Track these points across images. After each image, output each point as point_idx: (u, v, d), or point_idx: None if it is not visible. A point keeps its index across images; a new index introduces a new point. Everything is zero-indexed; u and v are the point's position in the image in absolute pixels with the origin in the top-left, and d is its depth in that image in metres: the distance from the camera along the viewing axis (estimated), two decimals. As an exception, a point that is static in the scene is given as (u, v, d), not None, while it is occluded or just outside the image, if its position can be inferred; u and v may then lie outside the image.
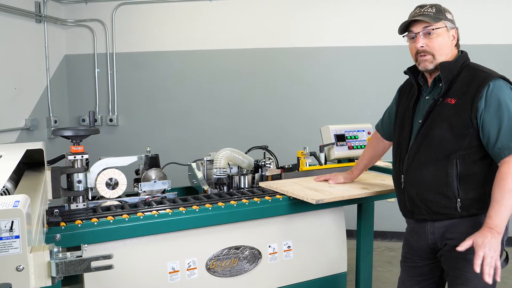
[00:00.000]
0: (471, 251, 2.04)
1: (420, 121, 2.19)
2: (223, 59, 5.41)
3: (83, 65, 5.57)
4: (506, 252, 2.14)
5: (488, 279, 1.86)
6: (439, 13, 2.15)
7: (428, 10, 2.16)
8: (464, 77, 2.10)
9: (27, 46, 4.94)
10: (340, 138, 3.28)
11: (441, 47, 2.14)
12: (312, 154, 3.18)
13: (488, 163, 2.07)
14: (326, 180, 2.86)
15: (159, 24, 5.47)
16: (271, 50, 5.34)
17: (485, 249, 1.87)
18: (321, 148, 3.25)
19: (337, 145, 3.25)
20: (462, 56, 2.19)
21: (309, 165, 3.18)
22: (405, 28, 2.20)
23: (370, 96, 5.10)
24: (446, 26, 2.14)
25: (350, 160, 3.36)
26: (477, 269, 1.87)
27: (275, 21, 5.30)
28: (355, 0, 5.12)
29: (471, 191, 2.06)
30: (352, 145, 3.31)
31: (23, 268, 1.10)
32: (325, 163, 3.26)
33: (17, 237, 1.07)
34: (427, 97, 2.22)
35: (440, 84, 2.15)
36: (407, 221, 2.38)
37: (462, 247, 1.93)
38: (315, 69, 5.30)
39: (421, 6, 2.20)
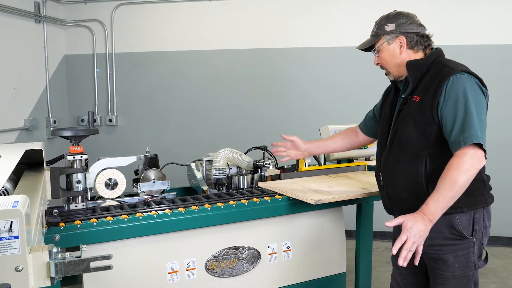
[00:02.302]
0: (446, 250, 2.05)
1: (394, 120, 2.24)
2: (223, 59, 5.41)
3: (83, 65, 5.57)
4: (486, 252, 2.16)
5: (402, 263, 1.88)
6: (379, 29, 2.23)
7: (373, 30, 2.28)
8: (431, 74, 2.12)
9: (27, 46, 4.93)
10: (340, 138, 3.27)
11: (387, 61, 2.24)
12: (312, 154, 3.18)
13: None
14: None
15: (158, 24, 5.47)
16: (271, 50, 5.34)
17: (410, 233, 1.89)
18: (321, 149, 3.25)
19: (336, 146, 3.25)
20: (433, 53, 2.19)
21: (308, 166, 3.18)
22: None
23: (369, 96, 5.07)
24: (386, 41, 2.20)
25: (350, 160, 3.36)
26: (394, 251, 1.90)
27: (274, 21, 5.30)
28: (354, 1, 5.12)
29: None
30: (352, 145, 3.30)
31: (22, 268, 1.09)
32: (324, 163, 3.26)
33: (16, 237, 1.07)
34: (402, 96, 2.24)
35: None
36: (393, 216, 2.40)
37: (392, 223, 1.95)
38: (314, 70, 5.30)
39: (375, 23, 2.29)
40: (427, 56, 2.18)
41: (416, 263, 1.91)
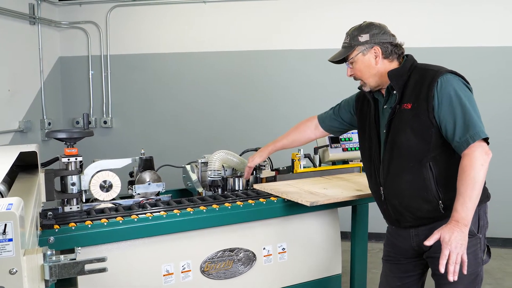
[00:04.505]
0: None
1: (384, 131, 2.21)
2: (218, 61, 5.41)
3: (77, 67, 5.56)
4: (488, 246, 2.16)
5: (451, 278, 1.88)
6: (352, 40, 2.23)
7: (345, 41, 2.29)
8: (414, 80, 2.12)
9: (21, 48, 4.92)
10: (335, 140, 3.29)
11: (362, 72, 2.23)
12: (307, 156, 3.19)
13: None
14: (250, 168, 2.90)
15: (153, 26, 5.46)
16: (266, 52, 5.34)
17: (451, 246, 1.89)
18: (316, 150, 3.26)
19: (331, 147, 3.26)
20: (408, 60, 2.21)
21: (304, 167, 3.18)
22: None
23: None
24: (360, 52, 2.20)
25: (345, 162, 3.36)
26: (442, 269, 1.89)
27: (269, 23, 5.31)
28: (348, 4, 5.14)
29: (450, 191, 2.05)
30: (347, 147, 3.31)
31: (16, 271, 1.09)
32: (320, 165, 3.26)
33: (10, 240, 1.07)
34: (385, 107, 2.24)
35: (394, 92, 2.17)
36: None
37: (430, 241, 1.94)
38: (309, 71, 5.31)
39: (346, 34, 2.30)
40: (404, 64, 2.19)
41: (465, 271, 1.91)
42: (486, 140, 1.98)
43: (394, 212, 2.24)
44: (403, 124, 2.12)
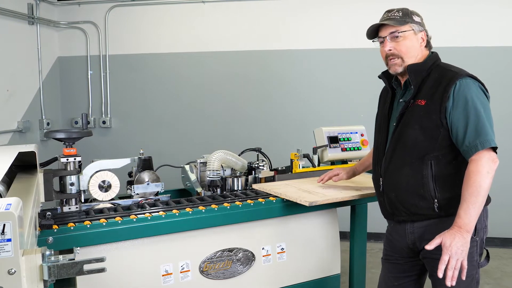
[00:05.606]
0: None
1: (394, 124, 2.22)
2: (217, 61, 5.41)
3: (76, 67, 5.55)
4: (487, 250, 2.17)
5: (449, 283, 1.89)
6: (406, 17, 2.19)
7: (395, 14, 2.20)
8: (433, 78, 2.13)
9: (20, 48, 4.91)
10: (333, 140, 3.29)
11: (408, 50, 2.17)
12: (306, 156, 3.19)
13: (463, 163, 2.07)
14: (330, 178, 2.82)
15: (152, 26, 5.46)
16: (265, 52, 5.34)
17: (452, 251, 1.90)
18: (314, 150, 3.26)
19: (330, 147, 3.26)
20: (432, 57, 2.21)
21: (303, 167, 3.19)
22: (374, 33, 2.25)
23: (364, 97, 5.11)
24: (413, 29, 2.17)
25: (344, 162, 3.36)
26: (440, 274, 1.90)
27: (268, 23, 5.31)
28: (348, 3, 5.14)
29: (447, 191, 2.07)
30: (345, 147, 3.31)
31: (15, 271, 1.09)
32: (319, 165, 3.26)
33: (9, 240, 1.07)
34: (400, 100, 2.24)
35: (411, 86, 2.17)
36: (388, 221, 2.40)
37: (431, 245, 1.95)
38: (308, 71, 5.31)
39: (388, 11, 2.24)
40: (426, 60, 2.19)
41: (463, 277, 1.92)
42: (494, 149, 1.99)
43: (389, 204, 2.25)
44: (413, 119, 2.12)
